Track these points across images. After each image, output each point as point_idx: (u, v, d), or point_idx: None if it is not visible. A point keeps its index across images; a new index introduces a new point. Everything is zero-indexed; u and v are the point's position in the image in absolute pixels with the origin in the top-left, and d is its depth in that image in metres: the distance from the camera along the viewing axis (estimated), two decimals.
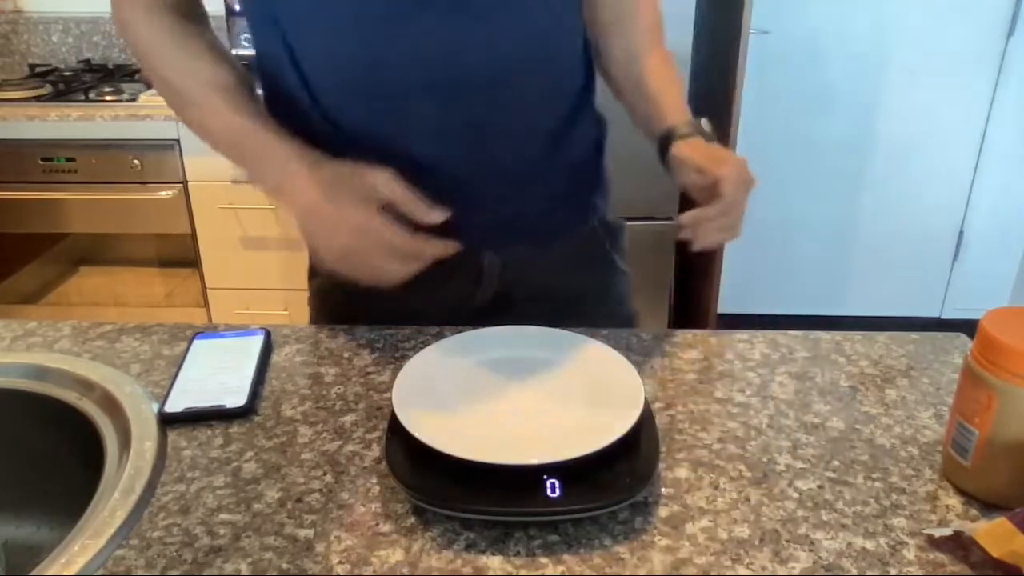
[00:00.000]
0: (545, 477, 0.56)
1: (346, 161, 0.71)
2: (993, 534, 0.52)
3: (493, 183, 0.82)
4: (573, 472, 0.57)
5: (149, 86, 2.18)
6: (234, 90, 0.77)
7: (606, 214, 0.94)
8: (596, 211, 0.92)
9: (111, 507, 0.58)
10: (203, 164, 2.09)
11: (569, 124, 0.85)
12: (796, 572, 0.53)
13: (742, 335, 0.83)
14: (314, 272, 0.94)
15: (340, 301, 0.90)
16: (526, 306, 0.85)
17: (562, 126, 0.84)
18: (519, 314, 0.79)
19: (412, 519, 0.58)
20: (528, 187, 0.85)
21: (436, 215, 0.71)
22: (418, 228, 0.71)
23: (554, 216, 0.89)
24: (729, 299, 2.60)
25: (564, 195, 0.89)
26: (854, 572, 0.53)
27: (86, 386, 0.73)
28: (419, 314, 0.84)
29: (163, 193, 2.12)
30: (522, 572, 0.53)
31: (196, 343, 0.79)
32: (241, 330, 0.82)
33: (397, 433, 0.61)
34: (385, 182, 0.69)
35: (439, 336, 0.80)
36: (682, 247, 0.99)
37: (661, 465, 0.63)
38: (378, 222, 0.68)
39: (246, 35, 2.25)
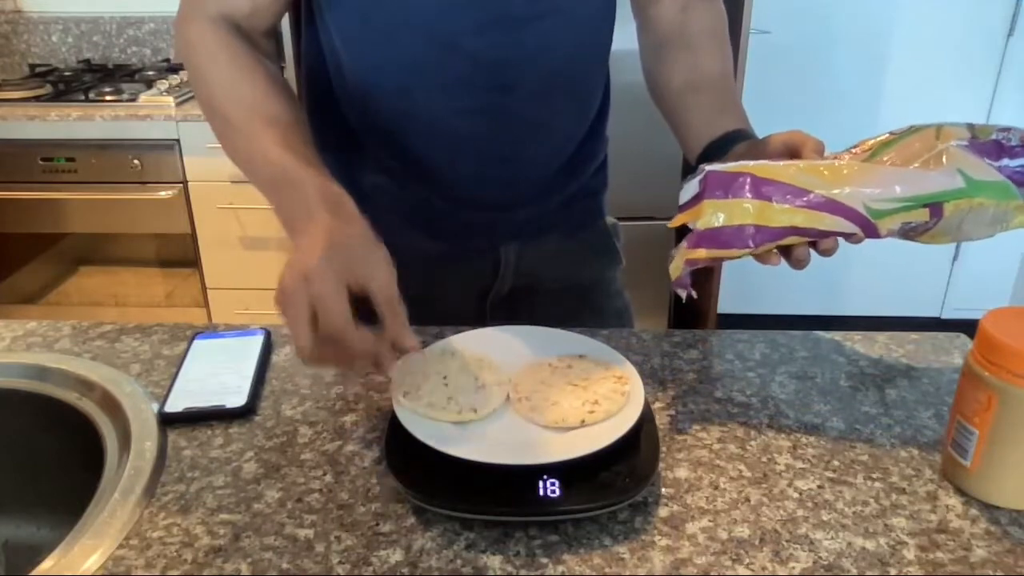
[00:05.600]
0: (545, 477, 0.56)
1: (372, 226, 0.62)
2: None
3: (524, 183, 0.86)
4: (573, 472, 0.57)
5: (149, 86, 2.18)
6: (287, 127, 0.70)
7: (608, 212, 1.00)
8: (604, 209, 0.98)
9: (111, 507, 0.58)
10: (203, 164, 2.09)
11: (597, 124, 0.90)
12: (796, 572, 0.53)
13: (742, 335, 0.83)
14: None
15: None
16: (541, 297, 0.91)
17: (588, 130, 0.89)
18: (535, 306, 0.83)
19: (412, 519, 0.58)
20: (554, 188, 0.89)
21: (413, 342, 0.60)
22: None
23: (574, 212, 0.93)
24: (729, 299, 2.60)
25: (585, 193, 0.94)
26: (854, 572, 0.53)
27: (86, 386, 0.73)
28: (438, 306, 0.84)
29: (163, 193, 2.12)
30: (522, 572, 0.53)
31: (196, 343, 0.79)
32: (241, 330, 0.82)
33: (397, 433, 0.61)
34: (383, 288, 0.59)
35: (439, 336, 0.80)
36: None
37: (661, 465, 0.63)
38: (345, 322, 0.57)
39: None
